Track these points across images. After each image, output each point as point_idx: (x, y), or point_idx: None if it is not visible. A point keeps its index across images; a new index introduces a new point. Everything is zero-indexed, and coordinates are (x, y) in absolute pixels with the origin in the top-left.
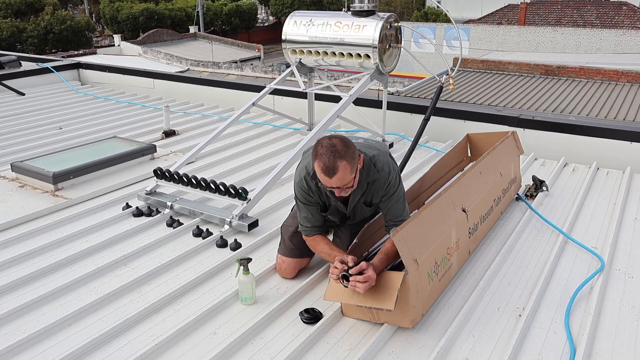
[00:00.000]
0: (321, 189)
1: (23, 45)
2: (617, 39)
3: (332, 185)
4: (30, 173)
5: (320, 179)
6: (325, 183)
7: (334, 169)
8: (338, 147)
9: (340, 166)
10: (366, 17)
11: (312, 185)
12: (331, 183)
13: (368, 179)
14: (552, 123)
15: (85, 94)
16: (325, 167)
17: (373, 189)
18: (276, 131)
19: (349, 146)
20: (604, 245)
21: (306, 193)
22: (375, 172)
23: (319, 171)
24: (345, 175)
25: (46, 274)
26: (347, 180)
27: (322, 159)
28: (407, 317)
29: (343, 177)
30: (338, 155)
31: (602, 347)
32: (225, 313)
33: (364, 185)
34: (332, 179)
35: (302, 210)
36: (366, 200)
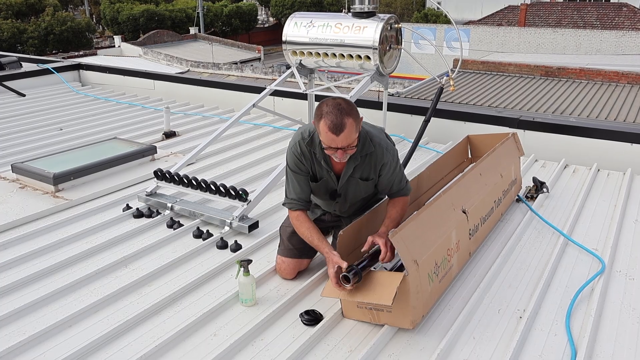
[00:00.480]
0: (316, 156)
1: (24, 46)
2: (617, 40)
3: (338, 145)
4: (30, 174)
5: (326, 140)
6: (330, 143)
7: (342, 125)
8: (343, 106)
9: (347, 123)
10: (366, 18)
11: (306, 151)
12: (337, 142)
13: (363, 152)
14: (553, 124)
15: (85, 95)
16: (333, 125)
17: (369, 162)
18: (276, 132)
19: (353, 106)
20: (604, 247)
21: (298, 159)
22: (370, 145)
23: (325, 130)
24: (352, 133)
25: (46, 275)
26: (352, 139)
27: (329, 117)
28: (407, 318)
29: (349, 135)
30: (345, 113)
31: (603, 349)
32: (225, 314)
33: (358, 158)
34: (339, 137)
35: (290, 179)
36: (362, 175)
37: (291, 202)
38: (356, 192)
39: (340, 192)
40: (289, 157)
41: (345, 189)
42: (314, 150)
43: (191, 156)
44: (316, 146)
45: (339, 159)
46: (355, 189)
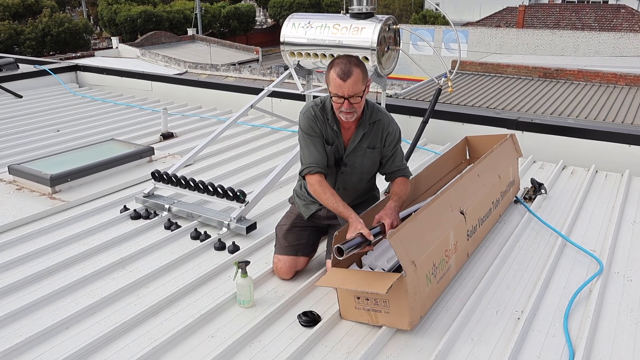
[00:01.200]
0: (328, 120)
1: (21, 47)
2: (616, 42)
3: (344, 93)
4: (27, 176)
5: (333, 87)
6: (338, 90)
7: (349, 72)
8: (353, 59)
9: (355, 71)
10: (364, 19)
11: (319, 114)
12: (344, 89)
13: (371, 119)
14: (551, 126)
15: (82, 96)
16: (342, 71)
17: (377, 130)
18: (274, 133)
19: (362, 62)
20: (602, 248)
21: (312, 121)
22: (378, 113)
23: (333, 77)
24: (358, 81)
25: (43, 276)
26: (359, 88)
27: (339, 65)
28: (405, 319)
29: (356, 83)
30: (354, 63)
31: (601, 350)
32: (223, 316)
33: (366, 126)
34: (346, 83)
35: (306, 144)
36: (370, 143)
37: (309, 166)
38: (364, 163)
39: (347, 161)
40: (303, 121)
41: (352, 158)
42: (326, 115)
43: (189, 157)
44: (328, 112)
45: (345, 112)
46: (362, 159)
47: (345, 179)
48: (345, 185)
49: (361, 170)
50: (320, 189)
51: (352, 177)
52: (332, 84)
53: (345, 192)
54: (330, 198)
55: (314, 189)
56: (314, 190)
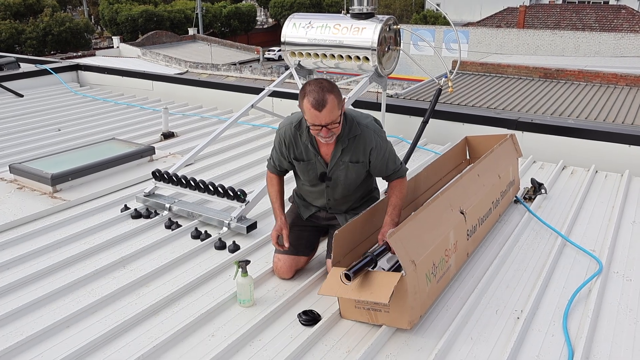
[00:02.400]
0: (302, 139)
1: (22, 46)
2: (616, 42)
3: (321, 122)
4: (28, 175)
5: (309, 117)
6: (314, 120)
7: (324, 101)
8: (325, 84)
9: (329, 99)
10: (365, 19)
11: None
12: (320, 118)
13: (350, 135)
14: (551, 126)
15: (84, 95)
16: (315, 101)
17: (358, 145)
18: (275, 133)
19: (334, 85)
20: (602, 248)
21: (282, 140)
22: (357, 128)
23: (308, 107)
24: (334, 109)
25: (44, 275)
26: (335, 115)
27: (312, 94)
28: (405, 319)
29: (331, 111)
30: (326, 90)
31: (600, 349)
32: (223, 315)
33: (345, 141)
34: (322, 113)
35: (275, 150)
36: (352, 157)
37: (271, 165)
38: (347, 176)
39: (331, 175)
40: (277, 136)
41: (335, 172)
42: (300, 134)
43: (189, 157)
44: (303, 130)
45: (324, 139)
46: (346, 172)
47: (332, 192)
48: (334, 196)
49: (346, 182)
50: (269, 183)
51: (338, 189)
52: (307, 113)
53: (337, 202)
54: (272, 193)
55: (267, 181)
56: (266, 182)
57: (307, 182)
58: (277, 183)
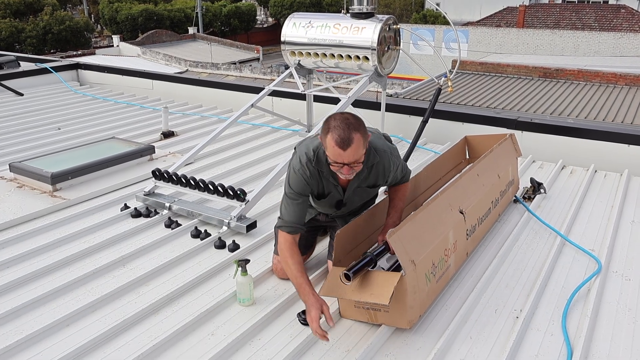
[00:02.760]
0: (323, 174)
1: (22, 45)
2: (616, 42)
3: (344, 161)
4: (28, 173)
5: (332, 155)
6: (337, 158)
7: (349, 140)
8: (351, 120)
9: (355, 138)
10: (365, 19)
11: (315, 172)
12: (343, 157)
13: (369, 163)
14: (550, 125)
15: (83, 94)
16: (341, 139)
17: (376, 171)
18: (275, 133)
19: (361, 121)
20: (601, 247)
21: (306, 182)
22: (375, 155)
23: (332, 144)
24: (359, 148)
25: (44, 274)
26: (359, 154)
27: (337, 131)
28: (404, 318)
29: (356, 151)
30: (352, 128)
31: (599, 349)
32: (223, 314)
33: (364, 170)
34: (346, 152)
35: (291, 203)
36: (369, 183)
37: (289, 225)
38: (361, 198)
39: (346, 201)
40: (295, 180)
41: (351, 198)
42: (320, 169)
43: (189, 156)
44: (322, 164)
45: (344, 176)
46: (361, 195)
47: (342, 211)
48: (342, 212)
49: (361, 202)
50: (288, 253)
51: (349, 209)
52: (330, 151)
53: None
54: (293, 267)
55: (281, 248)
56: (281, 250)
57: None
58: (297, 250)
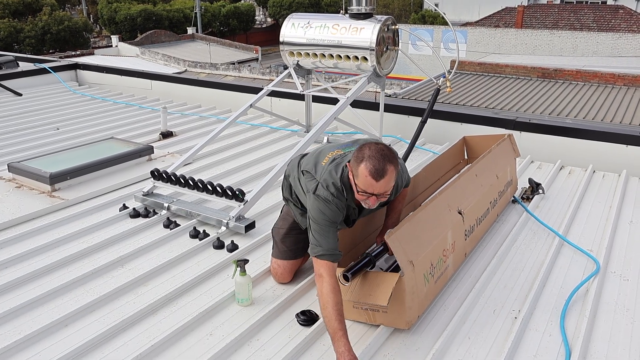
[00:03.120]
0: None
1: (20, 45)
2: (614, 42)
3: (374, 191)
4: (27, 174)
5: (363, 185)
6: (367, 188)
7: (384, 172)
8: (386, 152)
9: (389, 170)
10: (364, 19)
11: (344, 201)
12: (375, 188)
13: None
14: (549, 126)
15: (82, 94)
16: (375, 170)
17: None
18: (273, 133)
19: (395, 153)
20: (599, 247)
21: (340, 212)
22: None
23: (364, 174)
24: (391, 180)
25: (43, 274)
26: (390, 186)
27: (372, 161)
28: (402, 319)
29: (388, 183)
30: (387, 159)
31: (597, 349)
32: (221, 314)
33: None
34: (379, 183)
35: (329, 231)
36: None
37: (332, 254)
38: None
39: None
40: (328, 210)
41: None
42: (347, 197)
43: (188, 156)
44: (348, 192)
45: (369, 206)
46: (371, 211)
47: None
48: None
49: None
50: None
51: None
52: (362, 180)
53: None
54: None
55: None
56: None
57: None
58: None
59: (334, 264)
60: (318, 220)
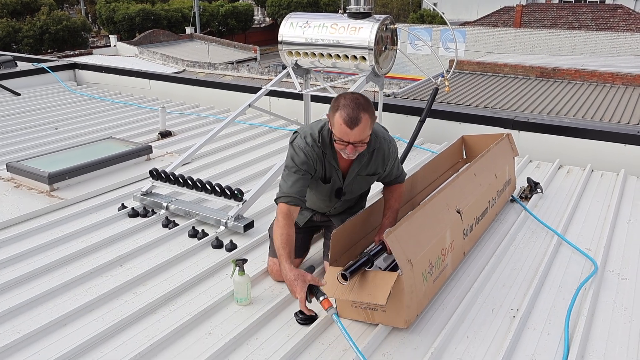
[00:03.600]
0: (326, 156)
1: (19, 45)
2: (612, 42)
3: (350, 139)
4: (25, 173)
5: (338, 133)
6: (343, 136)
7: (357, 119)
8: (361, 100)
9: (363, 118)
10: (362, 19)
11: (320, 153)
12: (350, 136)
13: (370, 148)
14: (547, 125)
15: (81, 94)
16: (349, 118)
17: (376, 158)
18: (272, 132)
19: (370, 102)
20: (598, 246)
21: (311, 160)
22: (376, 141)
23: (339, 122)
24: (366, 129)
25: (41, 274)
26: (365, 135)
27: (346, 110)
28: (401, 318)
29: (363, 131)
30: (362, 108)
31: (595, 347)
32: (220, 314)
33: (366, 155)
34: (353, 131)
35: (293, 176)
36: (369, 170)
37: (289, 196)
38: (360, 187)
39: (345, 190)
40: (298, 156)
41: (350, 187)
42: (324, 150)
43: (187, 156)
44: (326, 145)
45: (347, 156)
46: (360, 185)
47: (343, 204)
48: (342, 205)
49: (360, 192)
50: (282, 222)
51: (349, 200)
52: (337, 129)
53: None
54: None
55: (277, 219)
56: (276, 220)
57: (318, 196)
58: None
59: (289, 206)
60: (287, 166)
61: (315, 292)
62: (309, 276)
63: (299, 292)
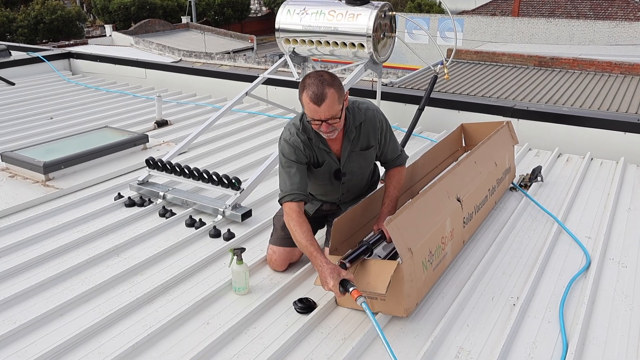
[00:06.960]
0: (312, 141)
1: (13, 35)
2: (611, 31)
3: (321, 117)
4: (20, 163)
5: (308, 112)
6: (313, 115)
7: (323, 95)
8: (325, 77)
9: (329, 93)
10: (360, 5)
11: (305, 139)
12: (319, 113)
13: (356, 122)
14: (547, 113)
15: (76, 83)
16: (314, 95)
17: (366, 130)
18: (269, 121)
19: (335, 77)
20: (597, 234)
21: (300, 150)
22: (361, 114)
23: (307, 101)
24: (334, 103)
25: (37, 264)
26: (336, 110)
27: (311, 88)
28: (401, 306)
29: (331, 106)
30: (326, 83)
31: (596, 335)
32: (218, 303)
33: (353, 131)
34: (321, 107)
35: (287, 173)
36: (362, 145)
37: (291, 193)
38: (360, 165)
39: (345, 170)
40: (285, 149)
41: (348, 166)
42: (309, 136)
43: (183, 145)
44: (310, 131)
45: (325, 134)
46: (359, 162)
47: (348, 186)
48: (349, 189)
49: (361, 172)
50: (297, 220)
51: (353, 181)
52: (307, 108)
53: (349, 194)
54: (302, 235)
55: (290, 218)
56: (289, 220)
57: (322, 187)
58: (305, 220)
59: (297, 203)
60: (281, 163)
61: (345, 283)
62: (343, 272)
63: (334, 286)
